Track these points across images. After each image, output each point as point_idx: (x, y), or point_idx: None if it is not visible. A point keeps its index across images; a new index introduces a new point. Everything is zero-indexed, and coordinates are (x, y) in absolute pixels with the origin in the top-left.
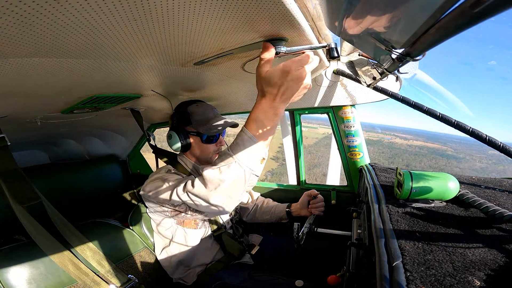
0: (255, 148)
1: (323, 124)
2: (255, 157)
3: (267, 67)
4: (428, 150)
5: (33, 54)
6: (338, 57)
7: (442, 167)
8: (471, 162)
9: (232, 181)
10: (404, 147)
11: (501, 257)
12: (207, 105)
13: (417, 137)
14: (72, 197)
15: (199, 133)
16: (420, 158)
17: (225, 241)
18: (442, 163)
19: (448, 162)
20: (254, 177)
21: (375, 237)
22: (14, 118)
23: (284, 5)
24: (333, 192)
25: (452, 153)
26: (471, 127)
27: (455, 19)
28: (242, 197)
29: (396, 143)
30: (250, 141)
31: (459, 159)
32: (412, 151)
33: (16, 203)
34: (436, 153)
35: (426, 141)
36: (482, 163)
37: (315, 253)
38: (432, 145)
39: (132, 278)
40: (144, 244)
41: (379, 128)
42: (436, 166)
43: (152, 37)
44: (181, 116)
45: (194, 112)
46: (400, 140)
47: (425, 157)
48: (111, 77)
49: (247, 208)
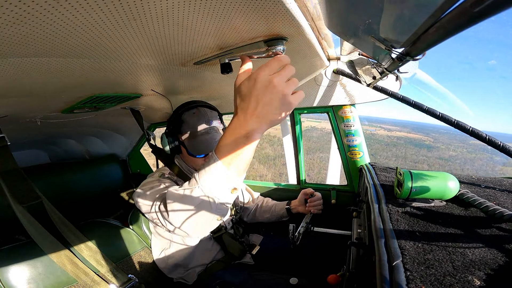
0: (223, 176)
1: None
2: (222, 186)
3: (241, 78)
4: (405, 140)
5: (33, 54)
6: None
7: (408, 155)
8: (442, 151)
9: (194, 207)
10: (382, 138)
11: (501, 257)
12: (203, 115)
13: (402, 128)
14: (72, 196)
15: (186, 146)
16: (390, 148)
17: (225, 241)
18: (410, 152)
19: (417, 151)
20: (224, 206)
21: (375, 236)
22: (14, 118)
23: (284, 5)
24: (333, 191)
25: (429, 143)
26: (471, 127)
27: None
28: (212, 223)
29: (376, 135)
30: (216, 167)
31: (430, 148)
32: (387, 142)
33: (16, 203)
34: (412, 143)
35: (410, 131)
36: (455, 152)
37: (315, 252)
38: (414, 135)
39: (132, 278)
40: (144, 244)
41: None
42: (400, 154)
43: (152, 36)
44: (175, 121)
45: (186, 122)
46: (383, 132)
47: (396, 146)
48: (111, 76)
49: (248, 208)
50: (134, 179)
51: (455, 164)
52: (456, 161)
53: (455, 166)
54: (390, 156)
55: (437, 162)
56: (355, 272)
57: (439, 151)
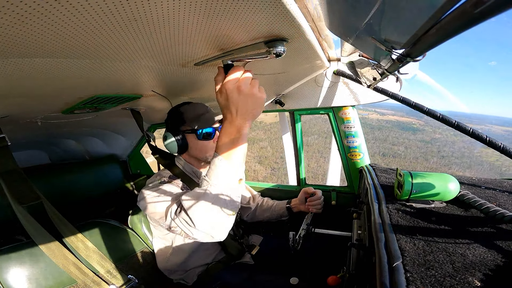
0: (228, 169)
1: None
2: (230, 178)
3: (217, 89)
4: (393, 123)
5: (33, 54)
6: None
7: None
8: (427, 133)
9: (212, 204)
10: (371, 122)
11: (501, 258)
12: (198, 103)
13: (397, 112)
14: (72, 197)
15: (193, 130)
16: (373, 131)
17: (225, 242)
18: (393, 134)
19: (400, 134)
20: (235, 198)
21: (375, 237)
22: (14, 118)
23: (285, 6)
24: (333, 192)
25: (418, 126)
26: (471, 128)
27: (456, 19)
28: (229, 219)
29: (367, 119)
30: (221, 163)
31: (416, 131)
32: (374, 125)
33: (16, 203)
34: (399, 126)
35: (403, 115)
36: (441, 134)
37: (315, 253)
38: (406, 119)
39: (132, 279)
40: (144, 244)
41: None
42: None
43: (152, 37)
44: (174, 117)
45: (186, 110)
46: (376, 116)
47: (380, 130)
48: (112, 77)
49: (249, 208)
50: (134, 180)
51: (434, 146)
52: (436, 143)
53: (432, 148)
54: (370, 139)
55: (416, 144)
56: (355, 274)
57: (423, 134)
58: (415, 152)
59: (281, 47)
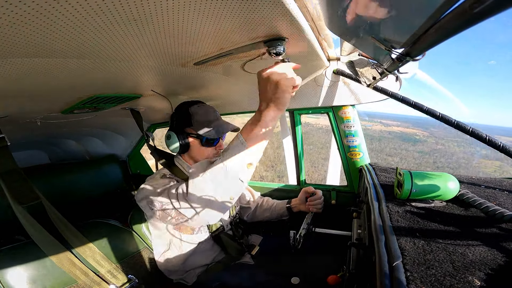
0: (242, 151)
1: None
2: (240, 160)
3: (263, 74)
4: (395, 135)
5: (33, 54)
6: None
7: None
8: (428, 144)
9: (213, 177)
10: (373, 133)
11: (501, 257)
12: (209, 107)
13: (402, 123)
14: (72, 197)
15: (199, 136)
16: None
17: (224, 242)
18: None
19: (399, 145)
20: (239, 181)
21: (375, 237)
22: (14, 118)
23: (284, 5)
24: (333, 192)
25: (420, 137)
26: (471, 127)
27: (455, 19)
28: (226, 203)
29: (370, 130)
30: (238, 143)
31: (416, 142)
32: (375, 136)
33: (16, 203)
34: (401, 137)
35: (408, 127)
36: (443, 145)
37: (315, 253)
38: (411, 130)
39: (132, 279)
40: (144, 244)
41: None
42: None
43: (152, 37)
44: (182, 116)
45: (195, 113)
46: (379, 127)
47: (380, 141)
48: (111, 77)
49: (249, 208)
50: (134, 180)
51: (431, 157)
52: (434, 155)
53: (428, 159)
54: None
55: (413, 155)
56: (355, 273)
57: (423, 145)
58: (409, 163)
59: (280, 47)
